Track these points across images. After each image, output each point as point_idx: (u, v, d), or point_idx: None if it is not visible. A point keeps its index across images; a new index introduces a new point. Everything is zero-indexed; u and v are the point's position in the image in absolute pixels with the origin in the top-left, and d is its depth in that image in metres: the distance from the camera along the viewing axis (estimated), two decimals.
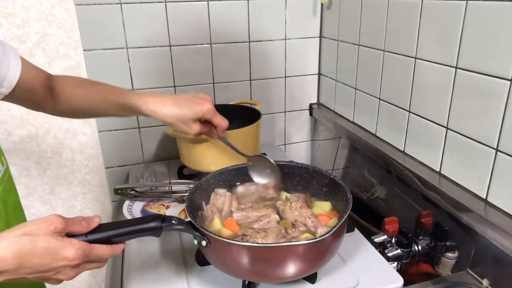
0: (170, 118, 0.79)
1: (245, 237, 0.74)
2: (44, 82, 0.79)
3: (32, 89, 0.76)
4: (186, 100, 0.81)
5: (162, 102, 0.79)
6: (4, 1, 1.11)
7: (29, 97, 0.77)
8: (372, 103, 1.18)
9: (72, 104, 0.82)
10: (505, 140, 0.77)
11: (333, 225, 0.81)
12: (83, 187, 1.36)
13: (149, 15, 1.23)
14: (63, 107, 0.82)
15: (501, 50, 0.75)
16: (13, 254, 0.51)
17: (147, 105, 0.78)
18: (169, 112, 0.79)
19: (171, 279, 0.81)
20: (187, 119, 0.80)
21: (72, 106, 0.82)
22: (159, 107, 0.79)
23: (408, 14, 0.97)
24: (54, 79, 0.82)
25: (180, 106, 0.80)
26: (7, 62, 0.69)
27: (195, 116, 0.80)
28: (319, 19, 1.41)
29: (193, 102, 0.80)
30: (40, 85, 0.78)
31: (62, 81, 0.83)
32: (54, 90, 0.81)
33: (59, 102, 0.81)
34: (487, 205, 0.82)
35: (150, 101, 0.79)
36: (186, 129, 0.81)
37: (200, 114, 0.80)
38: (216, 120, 0.84)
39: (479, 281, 0.84)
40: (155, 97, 0.80)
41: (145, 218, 0.68)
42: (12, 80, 0.70)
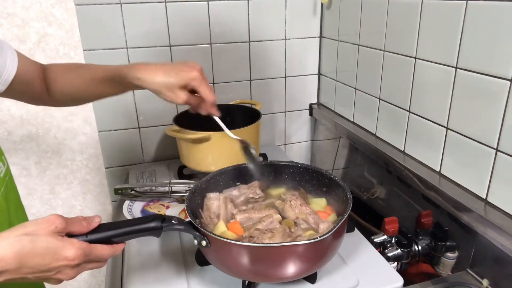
0: (155, 84, 0.76)
1: (252, 238, 0.74)
2: (40, 74, 0.80)
3: (28, 82, 0.76)
4: (173, 67, 0.77)
5: (148, 69, 0.76)
6: (4, 1, 1.11)
7: (26, 91, 0.77)
8: (372, 103, 1.18)
9: (65, 90, 0.81)
10: (505, 140, 0.77)
11: (332, 220, 0.82)
12: (83, 187, 1.36)
13: (149, 15, 1.23)
14: (57, 95, 0.81)
15: (501, 50, 0.75)
16: (13, 254, 0.51)
17: (133, 73, 0.76)
18: (155, 79, 0.75)
19: (171, 279, 0.81)
20: (173, 86, 0.75)
21: (65, 91, 0.81)
22: (145, 73, 0.76)
23: (408, 14, 0.97)
24: (46, 69, 0.82)
25: (166, 72, 0.76)
26: (3, 60, 0.69)
27: (181, 83, 0.76)
28: (319, 19, 1.41)
29: (180, 69, 0.77)
30: (37, 78, 0.78)
31: (54, 68, 0.83)
32: (48, 80, 0.81)
33: (53, 90, 0.81)
34: (487, 205, 0.82)
35: (136, 68, 0.76)
36: (173, 97, 0.76)
37: (186, 81, 0.76)
38: (203, 90, 0.78)
39: (479, 281, 0.84)
40: (141, 64, 0.78)
41: (145, 218, 0.68)
42: (7, 77, 0.70)
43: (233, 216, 0.85)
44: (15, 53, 0.72)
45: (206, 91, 0.78)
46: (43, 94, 0.80)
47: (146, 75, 0.75)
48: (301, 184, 0.92)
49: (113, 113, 1.30)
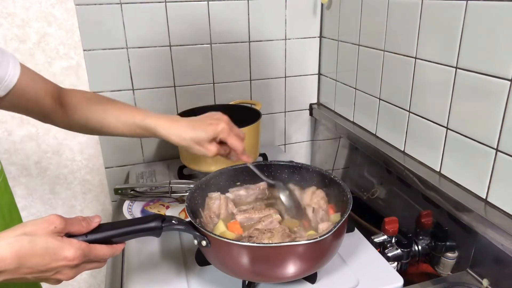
0: (184, 140, 0.78)
1: (251, 238, 0.74)
2: (53, 93, 0.79)
3: (36, 98, 0.76)
4: (200, 122, 0.80)
5: (177, 125, 0.79)
6: (4, 1, 1.11)
7: (33, 107, 0.77)
8: (372, 103, 1.18)
9: (87, 120, 0.81)
10: (505, 140, 0.77)
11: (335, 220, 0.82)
12: (83, 187, 1.36)
13: (149, 15, 1.23)
14: (76, 121, 0.81)
15: (501, 50, 0.75)
16: (12, 254, 0.51)
17: (162, 128, 0.78)
18: (183, 134, 0.78)
19: (171, 279, 0.81)
20: (202, 140, 0.77)
21: (86, 121, 0.81)
22: (174, 129, 0.78)
23: (408, 14, 0.97)
24: (65, 92, 0.82)
25: (194, 127, 0.78)
26: (5, 64, 0.69)
27: (209, 137, 0.78)
28: (319, 19, 1.41)
29: (207, 123, 0.79)
30: (47, 95, 0.78)
31: (75, 95, 0.83)
32: (66, 104, 0.80)
33: (71, 116, 0.81)
34: (487, 205, 0.82)
35: (165, 123, 0.78)
36: (203, 151, 0.78)
37: (214, 134, 0.78)
38: (231, 141, 0.79)
39: (479, 281, 0.84)
40: (170, 119, 0.80)
41: (145, 218, 0.68)
42: (8, 83, 0.70)
43: (233, 216, 0.85)
44: (18, 62, 0.72)
45: (234, 142, 0.79)
46: (55, 114, 0.80)
47: (174, 132, 0.78)
48: (301, 184, 0.92)
49: None
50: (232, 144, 0.79)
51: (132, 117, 0.80)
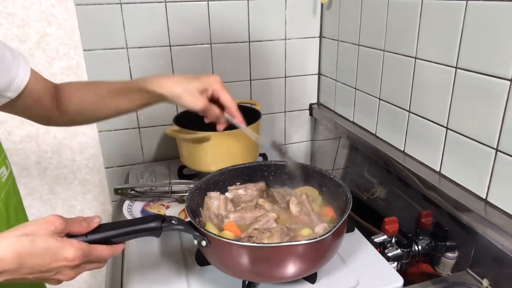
0: (175, 88, 0.76)
1: (251, 238, 0.74)
2: (51, 92, 0.79)
3: (39, 97, 0.76)
4: (193, 76, 0.79)
5: (169, 77, 0.78)
6: (4, 1, 1.11)
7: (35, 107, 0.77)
8: (372, 103, 1.18)
9: (81, 106, 0.81)
10: (505, 140, 0.77)
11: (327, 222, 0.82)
12: (83, 187, 1.36)
13: (149, 15, 1.23)
14: (72, 112, 0.81)
15: (501, 50, 0.75)
16: (12, 254, 0.51)
17: (152, 81, 0.77)
18: (175, 83, 0.77)
19: (171, 279, 0.81)
20: (194, 89, 0.76)
21: (81, 108, 0.81)
22: (165, 80, 0.77)
23: (408, 14, 0.97)
24: (59, 87, 0.82)
25: (186, 78, 0.78)
26: (16, 66, 0.69)
27: (201, 87, 0.77)
28: (319, 19, 1.41)
29: (201, 76, 0.79)
30: (46, 95, 0.78)
31: (68, 86, 0.83)
32: (61, 97, 0.80)
33: (67, 108, 0.81)
34: (487, 205, 0.82)
35: (155, 78, 0.78)
36: (193, 101, 0.76)
37: (206, 85, 0.77)
38: (223, 94, 0.78)
39: (479, 281, 0.84)
40: (162, 76, 0.80)
41: (145, 218, 0.68)
42: (20, 84, 0.69)
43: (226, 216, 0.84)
44: (28, 63, 0.72)
45: (227, 96, 0.79)
46: (53, 112, 0.80)
47: (166, 81, 0.77)
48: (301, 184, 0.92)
49: None
50: (225, 98, 0.78)
51: (122, 86, 0.80)
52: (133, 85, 0.79)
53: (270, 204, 0.88)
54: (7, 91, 0.69)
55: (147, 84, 0.77)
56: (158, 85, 0.77)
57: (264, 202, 0.89)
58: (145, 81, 0.78)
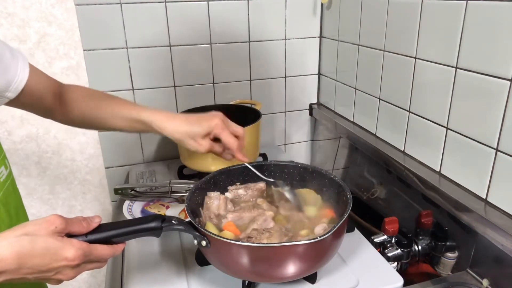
0: (178, 133, 0.79)
1: (250, 238, 0.74)
2: (55, 90, 0.79)
3: (40, 95, 0.76)
4: (196, 117, 0.81)
5: (172, 119, 0.80)
6: (4, 1, 1.11)
7: (37, 104, 0.77)
8: (372, 103, 1.18)
9: (83, 115, 0.82)
10: (505, 140, 0.77)
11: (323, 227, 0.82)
12: (83, 187, 1.36)
13: (149, 15, 1.23)
14: (73, 117, 0.82)
15: (501, 50, 0.75)
16: (13, 254, 0.51)
17: (158, 122, 0.79)
18: (178, 128, 0.79)
19: (171, 279, 0.81)
20: (196, 134, 0.78)
21: (82, 116, 0.82)
22: (169, 123, 0.79)
23: (408, 14, 0.97)
24: (65, 88, 0.82)
25: (189, 122, 0.79)
26: (14, 66, 0.69)
27: (202, 131, 0.79)
28: (319, 19, 1.41)
29: (202, 119, 0.80)
30: (50, 93, 0.78)
31: (74, 90, 0.83)
32: (65, 100, 0.81)
33: (69, 112, 0.81)
34: (487, 205, 0.82)
35: (160, 117, 0.80)
36: (195, 145, 0.79)
37: (207, 129, 0.79)
38: (224, 137, 0.80)
39: (479, 281, 0.84)
40: (166, 114, 0.81)
41: (145, 218, 0.68)
42: (18, 84, 0.70)
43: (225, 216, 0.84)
44: (27, 63, 0.72)
45: (228, 139, 0.80)
46: (56, 110, 0.81)
47: (169, 125, 0.79)
48: (301, 184, 0.92)
49: None
50: (225, 140, 0.80)
51: (128, 112, 0.81)
52: (138, 117, 0.80)
53: (268, 204, 0.88)
54: (6, 91, 0.69)
55: (152, 123, 0.79)
56: (162, 128, 0.79)
57: (262, 202, 0.89)
58: (151, 119, 0.79)
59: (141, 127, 0.81)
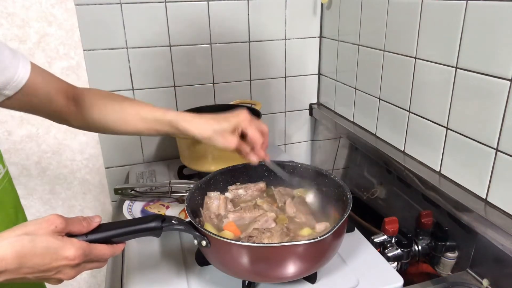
0: (206, 131, 0.78)
1: (251, 238, 0.74)
2: (67, 93, 0.78)
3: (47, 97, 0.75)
4: (222, 115, 0.80)
5: (199, 118, 0.79)
6: (4, 1, 1.11)
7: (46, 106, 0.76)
8: (372, 103, 1.18)
9: (105, 118, 0.80)
10: (505, 140, 0.77)
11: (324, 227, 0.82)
12: (83, 187, 1.36)
13: (149, 15, 1.23)
14: (93, 120, 0.80)
15: (501, 50, 0.75)
16: (13, 254, 0.51)
17: (184, 121, 0.78)
18: (206, 126, 0.78)
19: (171, 279, 0.81)
20: (224, 130, 0.77)
21: (105, 120, 0.80)
22: (195, 122, 0.78)
23: (408, 14, 0.97)
24: (81, 91, 0.81)
25: (215, 119, 0.79)
26: (15, 65, 0.69)
27: (230, 127, 0.78)
28: (319, 19, 1.41)
29: (230, 115, 0.79)
30: (60, 95, 0.77)
31: (92, 93, 0.82)
32: (82, 103, 0.79)
33: (89, 116, 0.80)
34: (487, 205, 0.82)
35: (186, 117, 0.79)
36: (224, 142, 0.78)
37: (235, 123, 0.78)
38: (251, 131, 0.78)
39: (479, 281, 0.84)
40: (191, 114, 0.80)
41: (145, 218, 0.68)
42: (18, 83, 0.69)
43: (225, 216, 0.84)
44: (28, 63, 0.72)
45: (254, 133, 0.78)
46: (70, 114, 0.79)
47: (196, 124, 0.78)
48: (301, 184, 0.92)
49: None
50: (252, 135, 0.78)
51: (151, 113, 0.80)
52: (162, 119, 0.79)
53: (269, 204, 0.88)
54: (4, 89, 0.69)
55: (179, 122, 0.78)
56: (189, 127, 0.78)
57: (262, 202, 0.89)
58: (177, 118, 0.79)
59: (165, 128, 0.80)
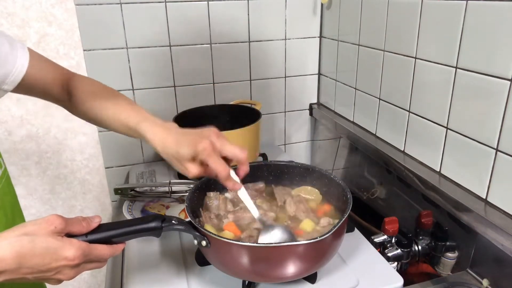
0: (166, 155, 0.71)
1: (251, 238, 0.74)
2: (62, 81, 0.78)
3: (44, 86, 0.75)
4: (188, 136, 0.70)
5: (165, 137, 0.71)
6: (4, 1, 1.11)
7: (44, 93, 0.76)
8: (372, 103, 1.18)
9: (87, 114, 0.80)
10: (505, 140, 0.77)
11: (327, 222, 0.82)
12: (83, 187, 1.36)
13: (149, 15, 1.23)
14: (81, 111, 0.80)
15: (501, 50, 0.75)
16: (12, 254, 0.51)
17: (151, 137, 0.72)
18: (166, 149, 0.71)
19: (171, 279, 0.81)
20: (182, 158, 0.68)
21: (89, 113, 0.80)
22: (160, 141, 0.71)
23: (408, 14, 0.97)
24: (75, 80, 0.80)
25: (178, 142, 0.69)
26: (13, 59, 0.68)
27: (188, 155, 0.68)
28: (319, 19, 1.41)
29: (191, 139, 0.69)
30: (56, 83, 0.76)
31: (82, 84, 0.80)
32: (73, 92, 0.79)
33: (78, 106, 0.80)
34: (487, 205, 0.82)
35: (155, 132, 0.72)
36: (183, 170, 0.70)
37: (193, 153, 0.67)
38: (212, 163, 0.67)
39: (479, 281, 0.84)
40: (163, 129, 0.72)
41: (145, 218, 0.68)
42: (16, 77, 0.69)
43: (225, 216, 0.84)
44: (27, 53, 0.71)
45: (215, 165, 0.68)
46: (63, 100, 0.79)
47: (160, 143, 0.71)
48: (301, 184, 0.92)
49: None
50: (213, 167, 0.68)
51: (127, 118, 0.76)
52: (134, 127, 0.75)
53: (269, 204, 0.88)
54: (3, 84, 0.68)
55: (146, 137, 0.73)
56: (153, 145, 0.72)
57: (262, 202, 0.89)
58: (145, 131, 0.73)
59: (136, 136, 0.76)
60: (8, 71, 0.68)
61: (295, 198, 0.88)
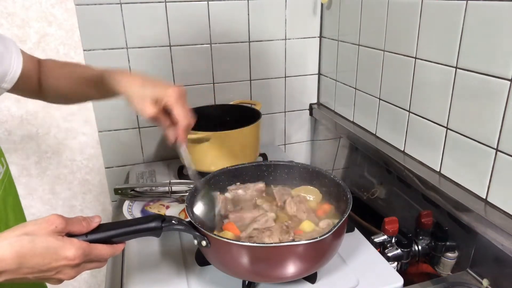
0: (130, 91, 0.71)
1: (251, 238, 0.74)
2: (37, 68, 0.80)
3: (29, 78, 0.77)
4: (153, 81, 0.73)
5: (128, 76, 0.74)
6: (4, 1, 1.11)
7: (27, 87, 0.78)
8: (372, 103, 1.18)
9: (57, 86, 0.81)
10: (505, 140, 0.77)
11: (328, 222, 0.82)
12: (83, 187, 1.36)
13: (149, 15, 1.23)
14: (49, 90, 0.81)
15: (501, 50, 0.75)
16: (13, 254, 0.51)
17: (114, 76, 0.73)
18: (131, 84, 0.72)
19: (171, 279, 0.81)
20: (145, 96, 0.69)
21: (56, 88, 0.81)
22: (124, 78, 0.73)
23: (408, 14, 0.97)
24: (42, 63, 0.82)
25: (144, 82, 0.72)
26: (8, 57, 0.69)
27: (153, 95, 0.69)
28: (319, 19, 1.41)
29: (158, 84, 0.72)
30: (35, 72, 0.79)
31: (49, 64, 0.83)
32: (42, 74, 0.81)
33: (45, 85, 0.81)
34: (487, 205, 0.82)
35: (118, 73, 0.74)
36: (141, 107, 0.69)
37: (159, 95, 0.70)
38: (176, 109, 0.70)
39: (479, 281, 0.84)
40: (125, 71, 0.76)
41: (145, 218, 0.68)
42: (14, 75, 0.70)
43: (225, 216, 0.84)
44: (20, 51, 0.72)
45: (180, 112, 0.70)
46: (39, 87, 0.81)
47: (124, 79, 0.72)
48: (301, 184, 0.92)
49: (113, 113, 1.30)
50: (177, 113, 0.70)
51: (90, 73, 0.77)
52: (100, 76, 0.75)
53: (269, 204, 0.88)
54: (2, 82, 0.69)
55: (109, 78, 0.74)
56: (116, 82, 0.73)
57: (262, 202, 0.89)
58: (109, 75, 0.74)
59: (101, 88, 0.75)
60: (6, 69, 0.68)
61: (295, 198, 0.88)
